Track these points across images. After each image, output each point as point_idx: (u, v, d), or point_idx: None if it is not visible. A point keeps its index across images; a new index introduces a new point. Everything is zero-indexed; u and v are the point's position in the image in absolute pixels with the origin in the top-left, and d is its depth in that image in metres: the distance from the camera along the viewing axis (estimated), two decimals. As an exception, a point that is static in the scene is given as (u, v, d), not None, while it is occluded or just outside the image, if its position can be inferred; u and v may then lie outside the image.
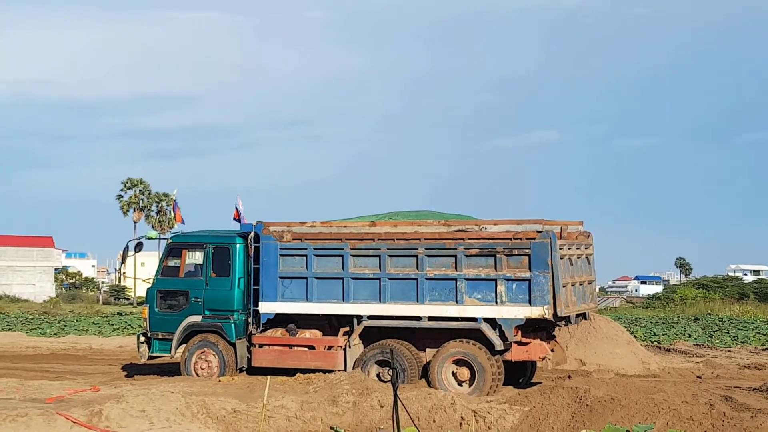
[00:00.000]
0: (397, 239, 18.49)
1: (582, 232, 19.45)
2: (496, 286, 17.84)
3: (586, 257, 19.43)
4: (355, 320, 18.95)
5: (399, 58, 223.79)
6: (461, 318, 18.19)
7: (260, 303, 19.40)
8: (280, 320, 19.63)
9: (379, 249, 18.55)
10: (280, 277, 19.24)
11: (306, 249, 19.06)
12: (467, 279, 18.04)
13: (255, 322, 19.63)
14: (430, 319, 18.38)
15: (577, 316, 18.76)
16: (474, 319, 18.09)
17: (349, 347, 19.02)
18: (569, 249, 18.28)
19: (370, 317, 18.76)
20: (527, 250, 17.60)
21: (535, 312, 17.62)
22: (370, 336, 19.13)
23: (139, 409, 13.22)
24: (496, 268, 17.83)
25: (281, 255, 19.22)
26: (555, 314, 17.57)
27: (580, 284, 18.91)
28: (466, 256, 18.00)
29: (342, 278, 18.81)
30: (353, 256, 18.74)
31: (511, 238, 17.77)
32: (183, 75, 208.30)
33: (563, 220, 19.00)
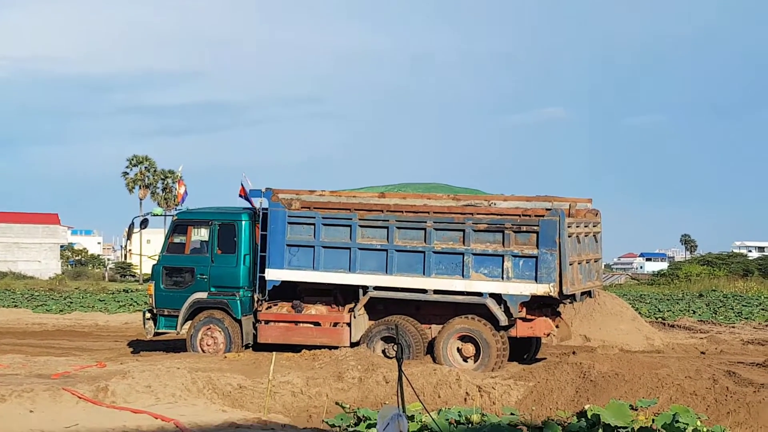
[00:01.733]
0: (405, 211, 18.44)
1: (590, 210, 19.42)
2: (503, 262, 17.83)
3: (594, 235, 19.40)
4: (360, 291, 18.98)
5: (409, 34, 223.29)
6: (467, 292, 18.20)
7: (267, 270, 19.33)
8: (286, 293, 19.63)
9: (388, 221, 18.50)
10: (288, 245, 19.16)
11: (314, 218, 18.99)
12: (474, 254, 18.02)
13: (261, 290, 19.67)
14: (436, 292, 18.38)
15: (582, 294, 18.77)
16: (479, 294, 18.11)
17: (354, 317, 19.06)
18: (577, 227, 18.26)
19: (376, 288, 18.75)
20: (536, 228, 17.59)
21: (540, 289, 17.64)
22: (376, 312, 19.17)
23: (145, 384, 13.29)
24: (503, 244, 17.82)
25: (289, 223, 19.14)
26: (560, 292, 17.59)
27: (587, 262, 18.90)
28: (474, 231, 17.99)
29: (349, 248, 18.75)
30: (361, 226, 18.68)
31: (520, 215, 17.76)
32: (190, 51, 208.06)
33: (572, 197, 18.96)
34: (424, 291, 18.45)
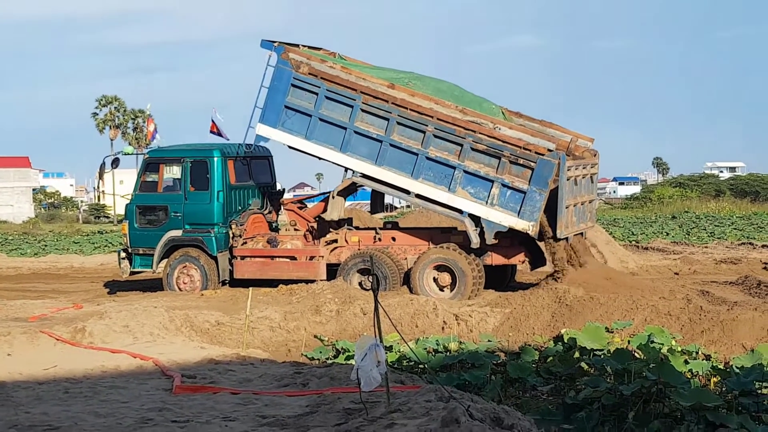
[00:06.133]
0: (410, 109, 18.16)
1: (590, 150, 19.22)
2: (491, 187, 17.66)
3: (591, 176, 19.19)
4: (345, 173, 18.99)
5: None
6: (447, 206, 18.12)
7: (258, 124, 19.07)
8: None
9: (390, 113, 18.21)
10: (286, 107, 18.86)
11: (319, 87, 18.64)
12: (466, 171, 17.84)
13: (246, 146, 19.84)
14: (418, 196, 18.29)
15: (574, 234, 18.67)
16: (459, 211, 18.04)
17: (333, 198, 19.03)
18: (576, 170, 18.04)
19: (362, 175, 18.66)
20: (532, 164, 17.34)
21: (520, 224, 17.53)
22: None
23: (123, 324, 13.26)
24: (497, 170, 17.63)
25: (293, 85, 18.81)
26: (555, 236, 17.39)
27: (582, 204, 18.72)
28: (472, 149, 17.79)
29: (345, 128, 18.48)
30: (363, 111, 18.39)
31: (521, 147, 17.54)
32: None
33: (575, 132, 18.86)
34: (407, 192, 18.36)
